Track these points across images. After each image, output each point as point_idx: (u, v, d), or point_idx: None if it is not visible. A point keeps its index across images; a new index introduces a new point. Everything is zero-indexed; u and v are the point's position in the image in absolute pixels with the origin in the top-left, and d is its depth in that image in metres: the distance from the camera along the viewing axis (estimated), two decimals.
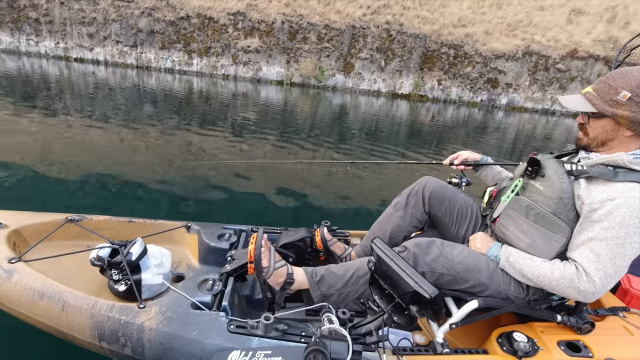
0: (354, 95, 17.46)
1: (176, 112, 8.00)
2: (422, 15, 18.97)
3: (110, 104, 8.14)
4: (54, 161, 3.92)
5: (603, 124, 1.17)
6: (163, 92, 11.12)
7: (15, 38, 17.58)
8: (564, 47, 18.45)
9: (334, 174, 4.62)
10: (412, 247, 1.28)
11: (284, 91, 15.67)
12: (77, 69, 14.69)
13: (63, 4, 17.14)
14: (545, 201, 1.22)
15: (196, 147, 5.29)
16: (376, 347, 1.18)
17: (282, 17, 17.82)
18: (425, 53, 18.68)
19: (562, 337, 1.32)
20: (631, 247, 1.08)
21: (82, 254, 1.50)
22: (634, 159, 1.12)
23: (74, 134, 5.17)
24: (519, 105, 19.33)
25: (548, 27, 19.28)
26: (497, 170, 1.74)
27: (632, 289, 1.60)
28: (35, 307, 1.27)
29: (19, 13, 17.17)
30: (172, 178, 3.86)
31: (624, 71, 1.13)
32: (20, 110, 6.19)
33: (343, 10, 18.37)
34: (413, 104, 16.63)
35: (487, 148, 8.04)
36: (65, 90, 9.42)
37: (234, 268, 1.45)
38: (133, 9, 17.36)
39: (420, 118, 12.37)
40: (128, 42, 17.93)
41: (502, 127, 12.59)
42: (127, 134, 5.52)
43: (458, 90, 19.34)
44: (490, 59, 18.67)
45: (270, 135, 6.70)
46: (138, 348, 1.19)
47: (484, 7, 20.23)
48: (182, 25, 17.82)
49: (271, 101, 12.07)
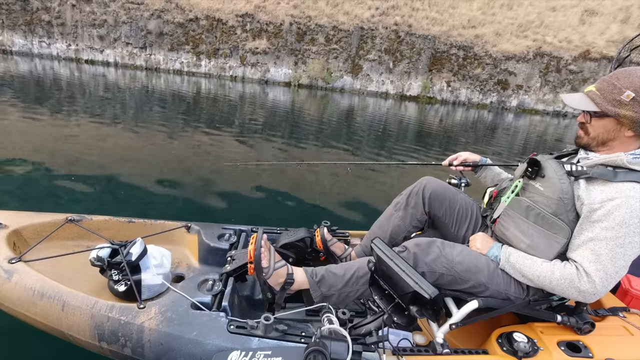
0: (362, 97, 17.44)
1: (179, 113, 8.02)
2: (431, 16, 18.90)
3: (115, 105, 8.18)
4: (55, 161, 3.93)
5: (605, 123, 1.17)
6: (171, 94, 11.20)
7: (28, 40, 17.89)
8: (576, 48, 18.23)
9: (334, 175, 4.61)
10: (412, 247, 1.28)
11: (291, 93, 15.70)
12: (88, 71, 14.87)
13: (74, 7, 17.41)
14: (546, 202, 1.22)
15: (198, 147, 5.29)
16: (376, 348, 1.18)
17: (290, 19, 17.89)
18: (434, 54, 18.60)
19: (562, 337, 1.31)
20: (631, 247, 1.08)
21: (82, 254, 1.50)
22: (634, 159, 1.12)
23: (75, 134, 5.18)
24: (530, 108, 19.11)
25: (560, 27, 19.06)
26: (497, 171, 1.74)
27: (632, 289, 1.60)
28: (35, 307, 1.27)
29: (31, 16, 17.48)
30: (172, 178, 3.86)
31: (628, 71, 1.12)
32: (23, 111, 6.21)
33: (351, 11, 18.38)
34: (421, 106, 16.55)
35: (497, 150, 7.96)
36: (74, 91, 9.50)
37: (234, 268, 1.44)
38: (143, 11, 17.57)
39: (429, 120, 12.29)
40: (137, 44, 18.16)
41: (512, 129, 12.46)
42: (128, 134, 5.54)
43: (467, 92, 19.22)
44: (500, 61, 18.52)
45: (275, 136, 6.70)
46: (138, 348, 1.19)
47: (494, 7, 20.09)
48: (191, 27, 17.99)
49: (278, 103, 12.10)
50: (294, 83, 18.51)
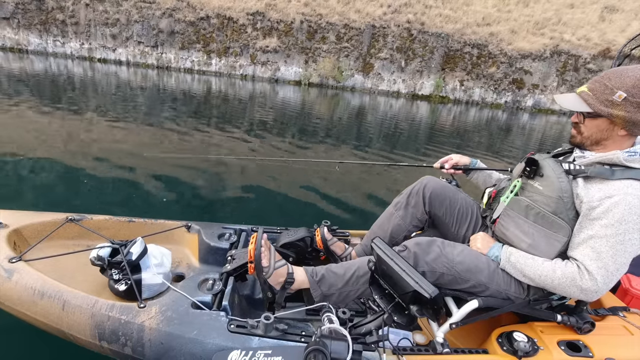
0: (373, 96, 17.33)
1: (181, 113, 8.01)
2: (445, 13, 18.67)
3: (124, 104, 8.20)
4: (56, 161, 3.94)
5: (598, 123, 1.18)
6: (181, 92, 11.25)
7: (43, 39, 18.20)
8: (595, 46, 17.79)
9: (334, 174, 4.59)
10: (412, 247, 1.28)
11: (301, 92, 15.68)
12: (100, 70, 15.02)
13: (88, 6, 17.67)
14: (545, 201, 1.23)
15: (200, 146, 5.29)
16: (376, 347, 1.19)
17: (301, 17, 17.86)
18: (447, 53, 18.36)
19: (562, 337, 1.32)
20: (631, 244, 1.09)
21: (82, 254, 1.51)
22: (629, 157, 1.14)
23: (77, 133, 5.19)
24: (546, 108, 18.73)
25: (579, 25, 18.63)
26: (487, 173, 1.75)
27: (632, 289, 1.61)
28: (36, 307, 1.28)
29: (47, 15, 17.77)
30: (173, 178, 3.86)
31: (619, 71, 1.14)
32: (29, 109, 6.22)
33: (363, 9, 18.26)
34: (434, 106, 16.36)
35: (514, 152, 7.82)
36: (85, 90, 9.56)
37: (234, 268, 1.44)
38: (154, 9, 17.75)
39: (441, 120, 12.14)
40: (149, 43, 18.34)
41: (527, 129, 12.23)
42: (128, 135, 5.54)
43: (481, 92, 18.94)
44: (515, 59, 18.19)
45: (279, 135, 6.69)
46: (138, 347, 1.20)
47: (510, 4, 19.75)
48: (202, 26, 18.10)
49: (288, 101, 12.10)
50: (304, 82, 18.47)
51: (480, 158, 1.86)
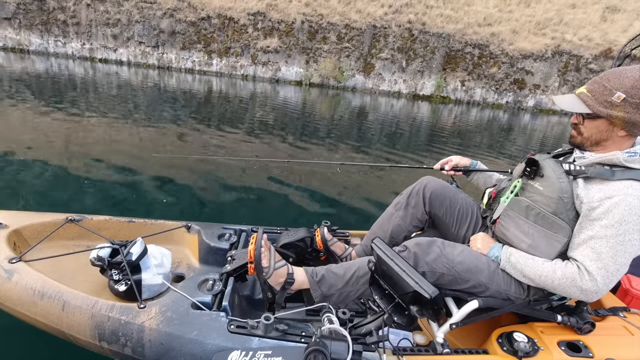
0: (374, 97, 17.30)
1: (182, 114, 8.00)
2: (446, 14, 18.61)
3: (124, 104, 8.19)
4: (56, 161, 3.93)
5: (597, 124, 1.18)
6: (181, 92, 11.24)
7: (44, 40, 18.20)
8: (597, 46, 17.72)
9: (334, 175, 4.59)
10: (412, 247, 1.28)
11: (302, 92, 15.66)
12: (101, 70, 15.04)
13: (89, 6, 17.67)
14: (545, 201, 1.23)
15: (200, 147, 5.29)
16: (376, 347, 1.19)
17: (301, 17, 17.82)
18: (448, 53, 18.31)
19: (562, 337, 1.32)
20: (631, 245, 1.09)
21: (82, 254, 1.51)
22: (629, 157, 1.13)
23: (77, 133, 5.19)
24: (547, 108, 18.68)
25: (580, 25, 18.55)
26: (487, 174, 1.75)
27: (632, 289, 1.61)
28: (36, 307, 1.28)
29: (48, 15, 17.76)
30: (173, 178, 3.86)
31: (618, 72, 1.13)
32: (29, 109, 6.23)
33: (364, 9, 18.22)
34: (435, 106, 16.33)
35: (514, 152, 7.80)
36: (86, 89, 9.56)
37: (234, 268, 1.44)
38: (155, 10, 17.75)
39: (442, 120, 12.12)
40: (150, 43, 18.33)
41: (528, 129, 12.21)
42: (128, 135, 5.54)
43: (482, 92, 18.88)
44: (517, 59, 18.13)
45: (282, 136, 6.68)
46: (138, 348, 1.20)
47: (511, 5, 19.68)
48: (203, 26, 18.09)
49: (289, 102, 12.08)
50: (305, 82, 18.43)
51: (481, 158, 1.86)
